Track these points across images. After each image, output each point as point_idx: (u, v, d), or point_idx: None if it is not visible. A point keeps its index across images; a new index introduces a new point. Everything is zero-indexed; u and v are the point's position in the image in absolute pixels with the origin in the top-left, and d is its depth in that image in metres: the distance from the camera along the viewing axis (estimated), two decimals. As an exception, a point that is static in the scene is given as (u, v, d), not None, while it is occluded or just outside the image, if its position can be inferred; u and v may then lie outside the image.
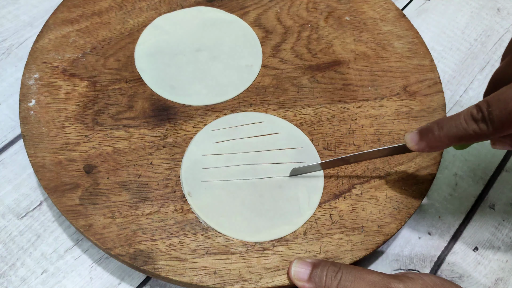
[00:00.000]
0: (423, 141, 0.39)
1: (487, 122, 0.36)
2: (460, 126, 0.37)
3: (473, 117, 0.36)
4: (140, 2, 0.56)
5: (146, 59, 0.52)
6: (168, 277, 0.41)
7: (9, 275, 0.44)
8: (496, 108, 0.35)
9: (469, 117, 0.37)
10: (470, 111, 0.37)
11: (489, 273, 0.47)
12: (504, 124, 0.35)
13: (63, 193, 0.44)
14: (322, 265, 0.39)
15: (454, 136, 0.38)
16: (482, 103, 0.36)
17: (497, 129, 0.35)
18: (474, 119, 0.36)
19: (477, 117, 0.36)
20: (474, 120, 0.36)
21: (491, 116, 0.35)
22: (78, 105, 0.49)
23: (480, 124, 0.36)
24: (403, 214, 0.45)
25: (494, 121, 0.35)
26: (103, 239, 0.42)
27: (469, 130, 0.37)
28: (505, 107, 0.34)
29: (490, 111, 0.35)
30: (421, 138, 0.40)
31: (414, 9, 0.64)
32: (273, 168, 0.47)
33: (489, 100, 0.36)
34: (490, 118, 0.35)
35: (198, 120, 0.49)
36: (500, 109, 0.35)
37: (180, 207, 0.44)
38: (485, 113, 0.36)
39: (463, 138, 0.37)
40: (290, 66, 0.53)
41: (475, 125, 0.36)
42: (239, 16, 0.56)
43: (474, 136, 0.37)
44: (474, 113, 0.36)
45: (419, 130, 0.40)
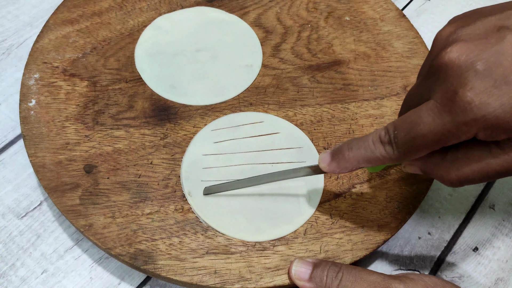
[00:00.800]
0: (334, 161, 0.38)
1: (393, 145, 0.35)
2: (368, 148, 0.36)
3: (381, 139, 0.35)
4: (140, 2, 0.56)
5: (146, 59, 0.52)
6: (168, 276, 0.41)
7: (9, 275, 0.44)
8: (401, 131, 0.34)
9: (377, 139, 0.36)
10: (379, 133, 0.35)
11: (489, 273, 0.47)
12: (408, 148, 0.34)
13: (63, 193, 0.44)
14: (323, 265, 0.39)
15: (362, 158, 0.36)
16: (390, 125, 0.35)
17: (401, 153, 0.34)
18: (381, 142, 0.35)
19: (384, 140, 0.35)
20: (381, 142, 0.35)
21: (396, 140, 0.34)
22: (78, 105, 0.49)
23: (386, 147, 0.35)
24: (403, 213, 0.45)
25: (399, 144, 0.34)
26: (104, 239, 0.42)
27: (376, 152, 0.36)
28: (409, 131, 0.33)
29: (396, 134, 0.34)
30: (332, 159, 0.38)
31: (414, 9, 0.64)
32: (273, 168, 0.47)
33: (396, 123, 0.34)
34: (395, 142, 0.34)
35: (198, 120, 0.49)
36: (404, 133, 0.34)
37: (180, 207, 0.44)
38: (391, 136, 0.34)
39: (370, 160, 0.36)
40: (290, 66, 0.53)
41: (381, 147, 0.35)
42: (239, 16, 0.56)
43: (381, 159, 0.35)
44: (381, 135, 0.35)
45: (331, 150, 0.39)
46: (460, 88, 0.31)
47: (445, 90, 0.32)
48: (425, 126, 0.32)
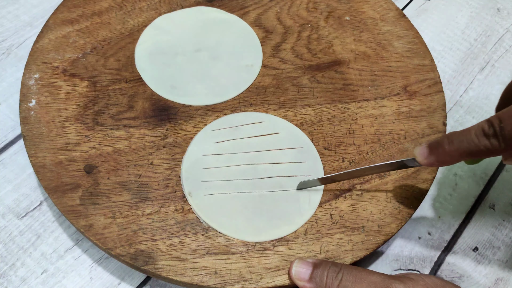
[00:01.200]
0: (433, 155, 0.38)
1: (499, 138, 0.35)
2: (471, 141, 0.36)
3: (485, 132, 0.35)
4: (140, 2, 0.56)
5: (146, 59, 0.52)
6: (168, 277, 0.41)
7: (9, 275, 0.44)
8: (508, 124, 0.34)
9: (480, 132, 0.36)
10: (482, 126, 0.36)
11: (489, 273, 0.47)
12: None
13: (63, 193, 0.44)
14: (323, 265, 0.39)
15: (464, 151, 0.37)
16: (494, 118, 0.35)
17: (509, 145, 0.35)
18: (485, 135, 0.35)
19: (489, 133, 0.35)
20: (485, 135, 0.35)
21: (503, 132, 0.34)
22: (78, 105, 0.49)
23: (492, 139, 0.35)
24: (403, 214, 0.45)
25: (506, 137, 0.34)
26: (104, 239, 0.42)
27: (480, 145, 0.36)
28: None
29: (502, 127, 0.34)
30: (430, 153, 0.39)
31: (414, 9, 0.64)
32: (274, 168, 0.47)
33: (501, 116, 0.35)
34: (502, 134, 0.34)
35: (199, 120, 0.49)
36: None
37: (181, 207, 0.44)
38: (497, 129, 0.35)
39: (474, 153, 0.36)
40: (290, 66, 0.53)
41: (486, 140, 0.35)
42: (239, 16, 0.56)
43: (485, 151, 0.36)
44: (485, 129, 0.35)
45: (428, 144, 0.39)
46: None
47: None
48: None
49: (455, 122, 0.56)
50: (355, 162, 0.48)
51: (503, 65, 0.60)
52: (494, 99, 0.57)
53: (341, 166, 0.48)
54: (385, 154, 0.48)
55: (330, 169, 0.47)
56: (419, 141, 0.49)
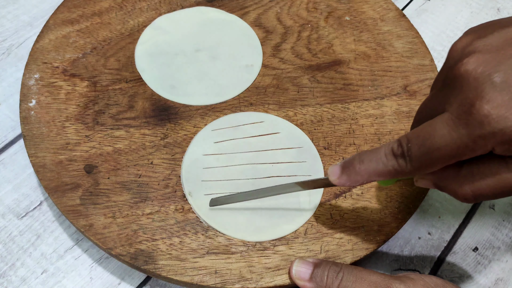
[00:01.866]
0: (344, 175, 0.37)
1: (406, 159, 0.34)
2: (380, 160, 0.35)
3: (393, 152, 0.34)
4: (140, 2, 0.56)
5: (146, 59, 0.52)
6: (169, 276, 0.41)
7: (9, 275, 0.44)
8: (415, 144, 0.33)
9: (389, 152, 0.35)
10: (392, 145, 0.35)
11: (489, 273, 0.47)
12: (422, 162, 0.33)
13: (63, 193, 0.44)
14: (324, 265, 0.39)
15: (374, 171, 0.35)
16: (403, 138, 0.34)
17: (415, 167, 0.33)
18: (394, 154, 0.34)
19: (397, 153, 0.34)
20: (394, 155, 0.34)
21: (410, 153, 0.33)
22: (78, 105, 0.49)
23: (399, 160, 0.34)
24: (403, 213, 0.45)
25: (412, 158, 0.33)
26: (104, 239, 0.42)
27: (388, 165, 0.35)
28: (423, 144, 0.32)
29: (409, 147, 0.33)
30: (342, 172, 0.37)
31: (414, 9, 0.64)
32: (274, 167, 0.47)
33: (409, 136, 0.34)
34: (409, 155, 0.33)
35: (199, 120, 0.49)
36: (418, 146, 0.33)
37: (181, 207, 0.44)
38: (405, 149, 0.34)
39: (382, 174, 0.35)
40: (291, 66, 0.53)
41: (394, 160, 0.34)
42: (239, 16, 0.56)
43: (394, 172, 0.35)
44: (394, 148, 0.34)
45: (341, 163, 0.37)
46: (477, 100, 0.30)
47: (461, 103, 0.31)
48: (440, 139, 0.32)
49: (455, 122, 0.55)
50: (355, 162, 0.48)
51: (503, 65, 0.60)
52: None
53: (341, 166, 0.48)
54: (385, 154, 0.48)
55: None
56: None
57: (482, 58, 0.31)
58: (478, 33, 0.34)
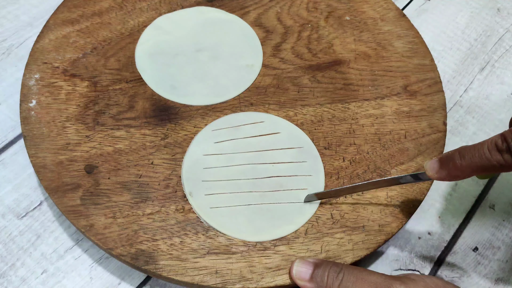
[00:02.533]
0: (444, 169, 0.38)
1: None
2: (484, 156, 0.35)
3: (498, 147, 0.35)
4: (140, 2, 0.56)
5: (146, 59, 0.52)
6: (169, 277, 0.41)
7: (9, 275, 0.44)
8: None
9: (493, 147, 0.35)
10: (495, 141, 0.35)
11: (489, 273, 0.47)
12: None
13: (64, 193, 0.44)
14: (324, 265, 0.39)
15: (477, 166, 0.36)
16: (508, 133, 0.34)
17: None
18: (498, 150, 0.35)
19: (502, 148, 0.35)
20: (498, 150, 0.35)
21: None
22: (79, 105, 0.48)
23: (505, 155, 0.34)
24: (404, 213, 0.45)
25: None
26: (104, 239, 0.42)
27: (492, 160, 0.35)
28: None
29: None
30: (441, 167, 0.38)
31: (414, 9, 0.64)
32: (274, 167, 0.47)
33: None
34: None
35: (199, 120, 0.49)
36: None
37: (181, 207, 0.44)
38: (510, 144, 0.34)
39: (486, 168, 0.36)
40: (291, 66, 0.53)
41: (499, 155, 0.35)
42: (240, 16, 0.56)
43: (498, 167, 0.35)
44: (498, 143, 0.35)
45: (439, 158, 0.38)
46: None
47: None
48: None
49: (455, 122, 0.56)
50: (356, 161, 0.48)
51: (503, 65, 0.60)
52: (494, 99, 0.57)
53: (341, 165, 0.48)
54: (385, 154, 0.48)
55: (330, 168, 0.47)
56: (420, 140, 0.49)
57: None
58: None
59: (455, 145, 0.54)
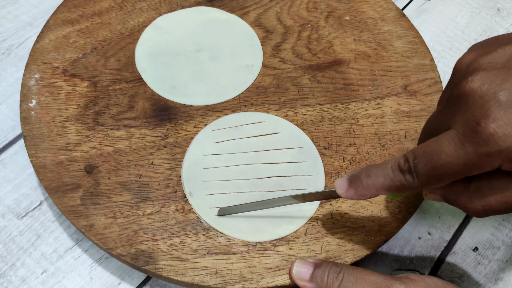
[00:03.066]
0: (352, 188, 0.37)
1: (413, 175, 0.34)
2: (387, 175, 0.35)
3: (400, 167, 0.35)
4: (140, 2, 0.56)
5: (146, 59, 0.52)
6: (169, 277, 0.41)
7: (9, 275, 0.44)
8: (422, 161, 0.33)
9: (396, 167, 0.35)
10: (398, 161, 0.35)
11: (489, 273, 0.47)
12: (429, 178, 0.33)
13: (64, 193, 0.44)
14: (324, 265, 0.39)
15: (381, 185, 0.36)
16: (409, 154, 0.34)
17: (422, 182, 0.34)
18: (400, 170, 0.35)
19: (404, 168, 0.34)
20: (400, 170, 0.35)
21: (416, 169, 0.34)
22: (79, 105, 0.48)
23: (406, 175, 0.34)
24: (404, 213, 0.45)
25: (419, 174, 0.34)
26: (105, 239, 0.42)
27: (395, 180, 0.35)
28: (429, 161, 0.33)
29: (416, 163, 0.34)
30: (349, 185, 0.37)
31: (414, 9, 0.64)
32: (274, 167, 0.47)
33: (416, 152, 0.34)
34: (415, 171, 0.34)
35: (199, 120, 0.49)
36: (425, 163, 0.33)
37: (181, 207, 0.44)
38: (411, 165, 0.34)
39: (390, 188, 0.35)
40: (291, 66, 0.53)
41: (401, 176, 0.35)
42: (239, 16, 0.56)
43: (401, 187, 0.35)
44: (401, 164, 0.35)
45: (348, 176, 0.38)
46: (483, 119, 0.30)
47: (467, 120, 0.31)
48: (446, 156, 0.32)
49: (455, 122, 0.56)
50: (356, 161, 0.48)
51: (503, 65, 0.60)
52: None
53: (341, 165, 0.48)
54: (385, 154, 0.48)
55: (330, 168, 0.47)
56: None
57: (487, 75, 0.31)
58: (482, 50, 0.34)
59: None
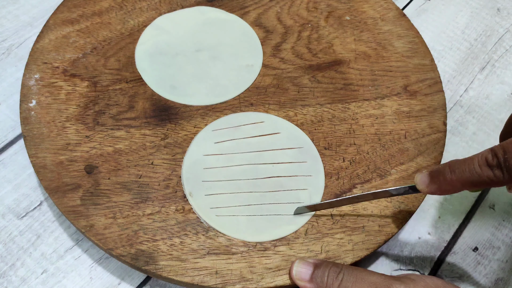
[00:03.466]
0: (434, 184, 0.37)
1: (503, 169, 0.34)
2: (474, 171, 0.35)
3: (488, 162, 0.35)
4: (140, 2, 0.56)
5: (146, 59, 0.52)
6: (169, 277, 0.41)
7: (9, 275, 0.44)
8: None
9: (483, 163, 0.35)
10: (485, 156, 0.35)
11: (489, 273, 0.47)
12: None
13: (64, 193, 0.44)
14: (324, 265, 0.39)
15: (467, 181, 0.36)
16: (498, 148, 0.34)
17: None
18: (489, 165, 0.35)
19: (492, 163, 0.34)
20: (489, 166, 0.35)
21: (507, 164, 0.33)
22: (79, 105, 0.48)
23: (495, 170, 0.34)
24: (404, 213, 0.45)
25: (510, 168, 0.33)
26: (105, 240, 0.42)
27: (483, 176, 0.35)
28: None
29: (507, 158, 0.33)
30: (432, 181, 0.38)
31: (414, 9, 0.64)
32: (274, 168, 0.47)
33: (505, 146, 0.34)
34: (506, 166, 0.33)
35: (199, 120, 0.49)
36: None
37: (181, 207, 0.44)
38: (501, 160, 0.34)
39: (476, 183, 0.35)
40: (291, 66, 0.53)
41: (489, 171, 0.34)
42: (240, 16, 0.56)
43: (489, 182, 0.35)
44: (489, 159, 0.35)
45: (430, 172, 0.38)
46: None
47: None
48: None
49: (455, 122, 0.56)
50: (356, 162, 0.48)
51: (503, 65, 0.60)
52: (494, 99, 0.57)
53: (341, 166, 0.48)
54: (385, 154, 0.48)
55: (330, 168, 0.47)
56: (420, 141, 0.49)
57: None
58: None
59: (455, 145, 0.54)
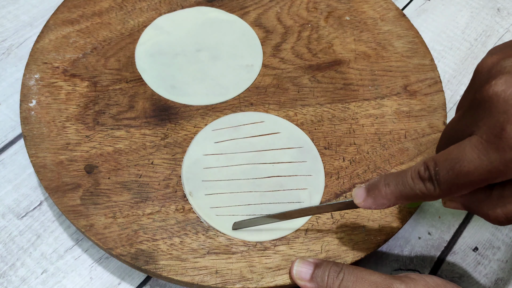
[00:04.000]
0: (370, 198, 0.36)
1: (434, 183, 0.33)
2: (407, 184, 0.34)
3: (420, 175, 0.34)
4: (140, 2, 0.56)
5: (146, 59, 0.52)
6: (169, 277, 0.41)
7: (9, 275, 0.44)
8: (443, 168, 0.32)
9: (416, 176, 0.34)
10: (418, 169, 0.34)
11: (489, 273, 0.47)
12: (451, 186, 0.32)
13: (64, 193, 0.44)
14: (324, 265, 0.39)
15: (400, 194, 0.35)
16: (430, 161, 0.33)
17: (443, 190, 0.33)
18: (421, 178, 0.34)
19: (424, 176, 0.34)
20: (421, 179, 0.34)
21: (438, 177, 0.33)
22: (79, 105, 0.49)
23: (427, 183, 0.34)
24: (404, 213, 0.45)
25: (440, 182, 0.33)
26: (105, 239, 0.42)
27: (415, 189, 0.34)
28: (451, 168, 0.32)
29: (437, 171, 0.33)
30: (367, 195, 0.37)
31: (414, 9, 0.64)
32: (274, 167, 0.47)
33: (437, 159, 0.33)
34: (437, 179, 0.33)
35: (199, 120, 0.49)
36: (447, 170, 0.32)
37: (181, 207, 0.44)
38: (432, 173, 0.33)
39: (409, 197, 0.35)
40: (291, 66, 0.53)
41: (421, 184, 0.34)
42: (239, 16, 0.56)
43: (421, 195, 0.34)
44: (421, 172, 0.34)
45: (366, 186, 0.37)
46: (508, 124, 0.30)
47: (491, 126, 0.30)
48: (470, 163, 0.31)
49: (455, 122, 0.56)
50: (356, 161, 0.48)
51: (503, 65, 0.60)
52: (494, 99, 0.57)
53: (341, 165, 0.48)
54: (385, 154, 0.48)
55: (330, 168, 0.47)
56: (420, 140, 0.49)
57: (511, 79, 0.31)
58: (504, 53, 0.33)
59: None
